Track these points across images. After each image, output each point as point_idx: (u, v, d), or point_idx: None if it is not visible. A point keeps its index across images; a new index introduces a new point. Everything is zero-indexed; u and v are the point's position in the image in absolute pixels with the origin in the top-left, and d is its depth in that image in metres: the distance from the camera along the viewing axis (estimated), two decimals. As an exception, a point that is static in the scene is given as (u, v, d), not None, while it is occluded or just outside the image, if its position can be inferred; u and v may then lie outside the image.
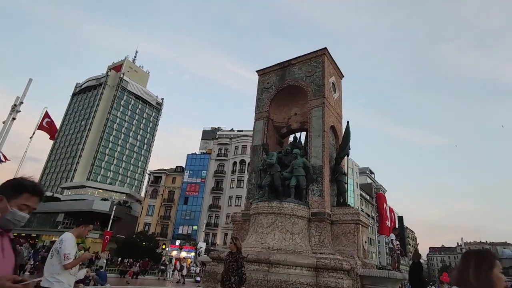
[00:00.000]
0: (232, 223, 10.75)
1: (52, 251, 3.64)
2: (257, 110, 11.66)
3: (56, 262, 3.54)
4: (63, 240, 3.66)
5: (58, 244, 3.63)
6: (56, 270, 3.51)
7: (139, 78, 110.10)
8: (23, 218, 1.65)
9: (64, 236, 3.74)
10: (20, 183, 1.68)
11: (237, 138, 59.12)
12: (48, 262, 3.61)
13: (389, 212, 50.38)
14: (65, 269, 3.53)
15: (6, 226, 1.63)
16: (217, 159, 58.43)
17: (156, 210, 56.57)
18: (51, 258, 3.60)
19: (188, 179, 57.42)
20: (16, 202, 1.62)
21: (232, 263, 5.27)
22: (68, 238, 3.70)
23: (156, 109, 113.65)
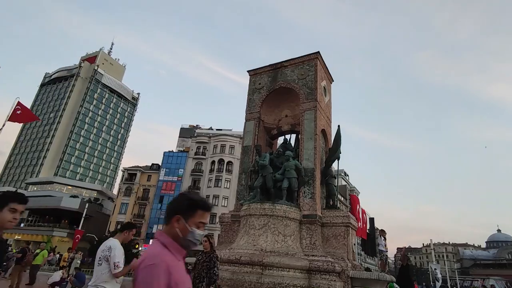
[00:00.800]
0: (219, 224, 10.60)
1: (101, 258, 3.54)
2: (248, 111, 11.58)
3: (106, 270, 3.46)
4: (112, 248, 3.55)
5: (107, 252, 3.53)
6: (104, 278, 3.44)
7: (115, 71, 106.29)
8: (201, 236, 1.62)
9: (112, 243, 3.62)
10: (192, 199, 1.63)
11: (216, 137, 58.61)
12: (97, 270, 3.51)
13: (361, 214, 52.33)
14: (114, 278, 3.49)
15: (188, 247, 1.58)
16: (195, 157, 57.60)
17: (130, 208, 54.82)
18: (99, 266, 3.51)
19: (164, 177, 56.15)
20: (193, 220, 1.58)
21: (205, 263, 4.88)
22: (117, 246, 3.61)
23: (132, 104, 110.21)
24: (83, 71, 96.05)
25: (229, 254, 7.77)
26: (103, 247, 3.64)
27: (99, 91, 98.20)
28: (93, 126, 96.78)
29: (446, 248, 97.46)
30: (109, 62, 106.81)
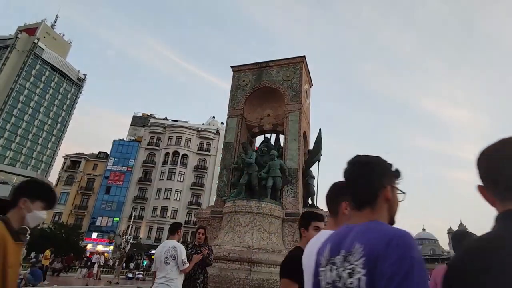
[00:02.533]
0: (197, 220, 10.43)
1: (167, 258, 3.93)
2: (231, 107, 11.54)
3: (174, 267, 3.87)
4: (176, 247, 4.00)
5: (173, 251, 3.95)
6: (173, 275, 3.85)
7: (58, 47, 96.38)
8: None
9: (174, 243, 4.08)
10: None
11: (172, 128, 56.68)
12: (166, 268, 3.86)
13: None
14: (181, 274, 3.96)
15: None
16: (148, 148, 55.11)
17: (71, 198, 50.58)
18: (168, 264, 3.88)
19: (112, 167, 52.82)
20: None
21: None
22: (180, 245, 4.08)
23: (76, 85, 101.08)
24: (20, 43, 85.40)
25: (216, 251, 7.72)
26: (167, 248, 4.00)
27: (38, 67, 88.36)
28: (28, 105, 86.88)
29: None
30: (52, 37, 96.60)
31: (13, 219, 1.58)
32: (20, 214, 1.60)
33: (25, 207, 1.60)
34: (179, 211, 50.63)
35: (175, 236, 4.26)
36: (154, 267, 4.15)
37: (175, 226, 4.42)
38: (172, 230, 4.34)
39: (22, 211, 1.60)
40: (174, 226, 4.41)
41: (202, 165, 55.07)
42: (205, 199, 52.54)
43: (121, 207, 50.41)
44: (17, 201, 1.60)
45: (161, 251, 4.03)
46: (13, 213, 1.59)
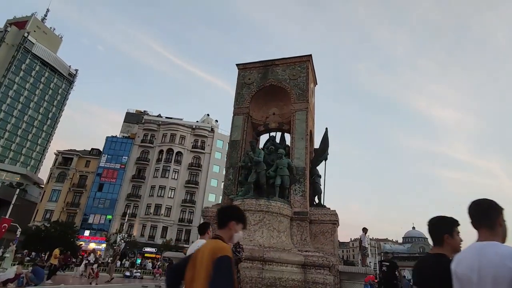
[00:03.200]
0: (203, 218, 10.37)
1: None
2: (237, 105, 11.49)
3: None
4: None
5: None
6: None
7: (49, 42, 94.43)
8: None
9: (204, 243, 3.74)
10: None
11: (166, 125, 56.21)
12: None
13: None
14: None
15: None
16: (142, 145, 54.57)
17: (63, 196, 49.78)
18: None
19: (105, 164, 52.14)
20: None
21: None
22: None
23: (67, 81, 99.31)
24: (9, 37, 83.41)
25: (227, 249, 7.72)
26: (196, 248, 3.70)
27: (28, 62, 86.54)
28: (17, 101, 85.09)
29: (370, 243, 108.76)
30: (42, 31, 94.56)
31: (225, 237, 2.11)
32: (229, 234, 2.14)
33: (233, 229, 2.15)
34: (173, 209, 50.34)
35: (205, 236, 4.20)
36: None
37: (204, 226, 4.36)
38: (202, 230, 4.29)
39: (231, 232, 2.15)
40: (203, 226, 4.35)
41: (196, 162, 54.81)
42: (199, 197, 52.38)
43: (114, 205, 49.84)
44: (227, 223, 2.15)
45: (191, 250, 3.99)
46: (224, 232, 2.13)
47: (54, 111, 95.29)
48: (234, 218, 2.16)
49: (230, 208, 2.32)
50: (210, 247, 1.94)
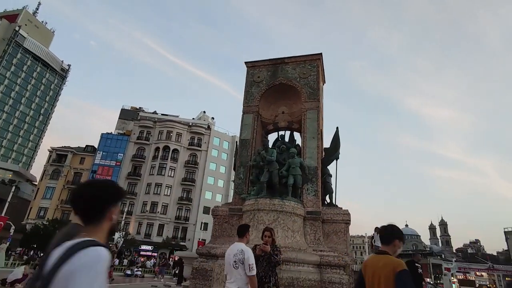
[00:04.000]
0: (213, 217, 10.29)
1: (236, 261, 3.80)
2: (246, 103, 11.39)
3: (242, 272, 3.74)
4: (244, 250, 3.83)
5: (241, 255, 3.80)
6: (244, 280, 3.71)
7: (41, 36, 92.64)
8: None
9: (242, 246, 3.91)
10: None
11: (162, 122, 55.73)
12: (235, 273, 3.76)
13: None
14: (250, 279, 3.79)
15: None
16: (137, 142, 54.05)
17: (57, 193, 49.10)
18: (237, 269, 3.76)
19: (100, 161, 51.57)
20: None
21: (271, 261, 4.68)
22: (248, 249, 3.90)
23: (60, 76, 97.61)
24: (0, 30, 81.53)
25: (243, 249, 7.66)
26: (235, 251, 3.84)
27: (20, 56, 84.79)
28: (8, 96, 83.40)
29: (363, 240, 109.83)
30: (34, 25, 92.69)
31: (391, 253, 2.50)
32: (394, 250, 2.54)
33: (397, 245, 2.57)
34: (170, 206, 50.07)
35: (244, 239, 4.13)
36: (225, 270, 4.03)
37: (244, 228, 4.26)
38: (241, 233, 4.19)
39: (395, 248, 2.54)
40: (242, 229, 4.25)
41: (193, 160, 54.53)
42: (196, 195, 52.18)
43: (109, 202, 49.29)
44: (393, 241, 2.57)
45: (230, 254, 3.93)
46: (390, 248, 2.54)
47: (46, 107, 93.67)
48: (398, 237, 2.53)
49: (395, 228, 2.61)
50: (387, 263, 2.34)
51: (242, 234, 4.17)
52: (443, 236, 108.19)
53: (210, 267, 8.60)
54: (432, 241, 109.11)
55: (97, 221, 1.46)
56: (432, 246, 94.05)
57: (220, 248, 8.50)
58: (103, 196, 1.47)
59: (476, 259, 74.76)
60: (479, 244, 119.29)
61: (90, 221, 1.46)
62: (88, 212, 1.46)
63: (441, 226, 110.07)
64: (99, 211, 1.45)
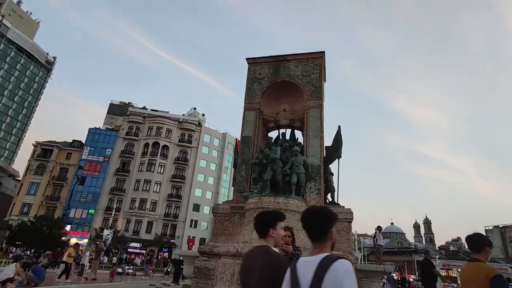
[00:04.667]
0: (213, 214, 10.13)
1: None
2: (247, 100, 11.24)
3: None
4: None
5: None
6: None
7: (25, 27, 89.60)
8: None
9: None
10: None
11: (152, 118, 54.88)
12: None
13: None
14: None
15: None
16: (126, 137, 53.07)
17: (42, 189, 47.72)
18: None
19: (88, 157, 50.40)
20: None
21: None
22: None
23: (45, 69, 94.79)
24: (-19, 19, 78.43)
25: (249, 248, 7.54)
26: None
27: (3, 47, 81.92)
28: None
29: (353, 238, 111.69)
30: (18, 14, 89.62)
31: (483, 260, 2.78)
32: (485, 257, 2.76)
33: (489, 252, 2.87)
34: (159, 203, 49.46)
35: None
36: None
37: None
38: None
39: (487, 255, 2.76)
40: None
41: (183, 157, 53.98)
42: (185, 192, 51.69)
43: (97, 199, 48.35)
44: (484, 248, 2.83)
45: None
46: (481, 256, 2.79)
47: (30, 100, 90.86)
48: (489, 245, 2.77)
49: (485, 237, 2.85)
50: (480, 269, 2.53)
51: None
52: (427, 234, 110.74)
53: (213, 266, 8.46)
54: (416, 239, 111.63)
55: (324, 240, 1.91)
56: (417, 244, 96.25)
57: (222, 246, 8.37)
58: (327, 221, 1.90)
59: (458, 256, 77.04)
60: (460, 242, 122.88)
61: (318, 240, 1.91)
62: (318, 233, 1.91)
63: (425, 224, 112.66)
64: (325, 232, 1.90)
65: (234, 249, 7.77)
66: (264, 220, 2.47)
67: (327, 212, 1.94)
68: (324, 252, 1.81)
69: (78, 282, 13.01)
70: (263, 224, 2.45)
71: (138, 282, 13.89)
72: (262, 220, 2.47)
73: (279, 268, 2.10)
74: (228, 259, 7.80)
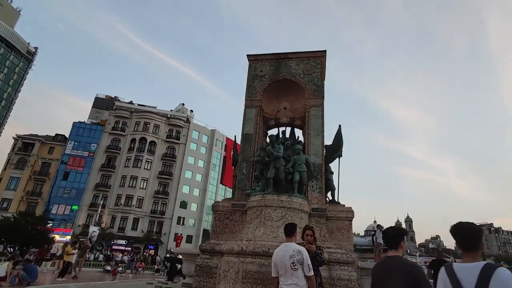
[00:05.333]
0: (213, 212, 10.03)
1: (295, 262, 3.62)
2: (248, 97, 11.16)
3: (302, 274, 3.62)
4: (301, 250, 3.71)
5: (299, 256, 3.64)
6: (303, 282, 3.60)
7: (5, 15, 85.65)
8: None
9: (298, 246, 3.78)
10: None
11: (139, 113, 53.87)
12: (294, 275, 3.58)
13: None
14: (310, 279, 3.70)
15: None
16: (112, 132, 51.89)
17: (22, 184, 46.09)
18: (297, 271, 3.58)
19: (72, 151, 49.02)
20: None
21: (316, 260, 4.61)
22: (303, 248, 3.79)
23: (26, 59, 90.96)
24: (-43, 5, 74.52)
25: (254, 246, 7.54)
26: (291, 252, 3.67)
27: (-20, 35, 78.05)
28: (-34, 77, 76.71)
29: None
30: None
31: None
32: None
33: None
34: (145, 200, 48.71)
35: (293, 239, 3.97)
36: (275, 271, 3.81)
37: (292, 227, 4.05)
38: (289, 232, 4.02)
39: None
40: (291, 228, 4.05)
41: (170, 153, 53.30)
42: (173, 189, 51.10)
43: (80, 195, 47.11)
44: None
45: (284, 255, 3.71)
46: None
47: (10, 91, 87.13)
48: None
49: None
50: None
51: (291, 233, 3.99)
52: (408, 231, 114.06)
53: (215, 264, 8.38)
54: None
55: (476, 250, 2.24)
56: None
57: (225, 244, 8.29)
58: (478, 234, 2.26)
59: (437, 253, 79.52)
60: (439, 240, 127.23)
61: (471, 250, 2.24)
62: (471, 245, 2.25)
63: (407, 223, 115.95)
64: (477, 244, 2.25)
65: (239, 247, 7.71)
66: (395, 234, 2.86)
67: (476, 227, 2.30)
68: (477, 261, 2.16)
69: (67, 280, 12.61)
70: (395, 237, 2.81)
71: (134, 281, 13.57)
72: (393, 234, 2.86)
73: (419, 276, 2.42)
74: (232, 257, 7.74)
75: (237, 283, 7.34)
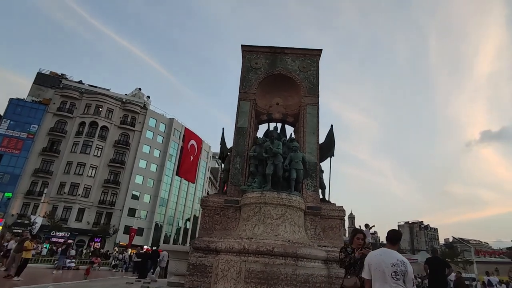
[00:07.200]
0: (202, 207, 9.51)
1: (398, 272, 3.42)
2: (243, 90, 10.74)
3: (402, 285, 3.42)
4: (406, 263, 3.49)
5: (403, 267, 3.43)
6: None
7: None
8: None
9: (403, 258, 3.56)
10: None
11: (91, 94, 49.54)
12: (392, 284, 3.36)
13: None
14: None
15: None
16: (58, 113, 47.03)
17: None
18: (397, 281, 3.38)
19: (6, 131, 43.42)
20: None
21: None
22: (408, 262, 3.56)
23: None
24: None
25: (257, 245, 7.26)
26: (395, 260, 3.45)
27: None
28: None
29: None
30: None
31: None
32: None
33: None
34: (93, 189, 45.17)
35: (395, 247, 3.73)
36: (367, 274, 3.53)
37: (398, 235, 3.80)
38: (395, 240, 3.77)
39: None
40: (397, 235, 3.79)
41: (124, 140, 50.02)
42: (125, 178, 48.10)
43: (16, 181, 42.02)
44: None
45: (387, 261, 3.45)
46: None
47: None
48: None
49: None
50: None
51: (396, 242, 3.76)
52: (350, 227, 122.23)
53: (210, 263, 7.97)
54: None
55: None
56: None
57: (222, 242, 7.90)
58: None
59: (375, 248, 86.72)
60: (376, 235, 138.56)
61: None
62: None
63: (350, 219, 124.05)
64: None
65: (240, 246, 7.38)
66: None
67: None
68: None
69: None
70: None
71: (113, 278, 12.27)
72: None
73: None
74: (233, 256, 7.39)
75: (239, 283, 7.02)
